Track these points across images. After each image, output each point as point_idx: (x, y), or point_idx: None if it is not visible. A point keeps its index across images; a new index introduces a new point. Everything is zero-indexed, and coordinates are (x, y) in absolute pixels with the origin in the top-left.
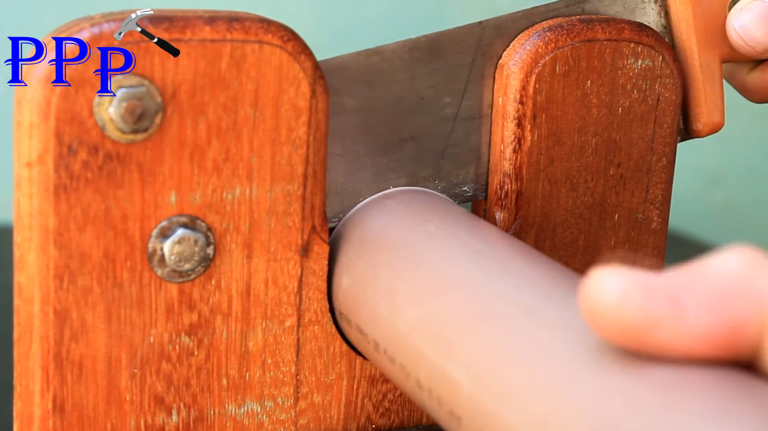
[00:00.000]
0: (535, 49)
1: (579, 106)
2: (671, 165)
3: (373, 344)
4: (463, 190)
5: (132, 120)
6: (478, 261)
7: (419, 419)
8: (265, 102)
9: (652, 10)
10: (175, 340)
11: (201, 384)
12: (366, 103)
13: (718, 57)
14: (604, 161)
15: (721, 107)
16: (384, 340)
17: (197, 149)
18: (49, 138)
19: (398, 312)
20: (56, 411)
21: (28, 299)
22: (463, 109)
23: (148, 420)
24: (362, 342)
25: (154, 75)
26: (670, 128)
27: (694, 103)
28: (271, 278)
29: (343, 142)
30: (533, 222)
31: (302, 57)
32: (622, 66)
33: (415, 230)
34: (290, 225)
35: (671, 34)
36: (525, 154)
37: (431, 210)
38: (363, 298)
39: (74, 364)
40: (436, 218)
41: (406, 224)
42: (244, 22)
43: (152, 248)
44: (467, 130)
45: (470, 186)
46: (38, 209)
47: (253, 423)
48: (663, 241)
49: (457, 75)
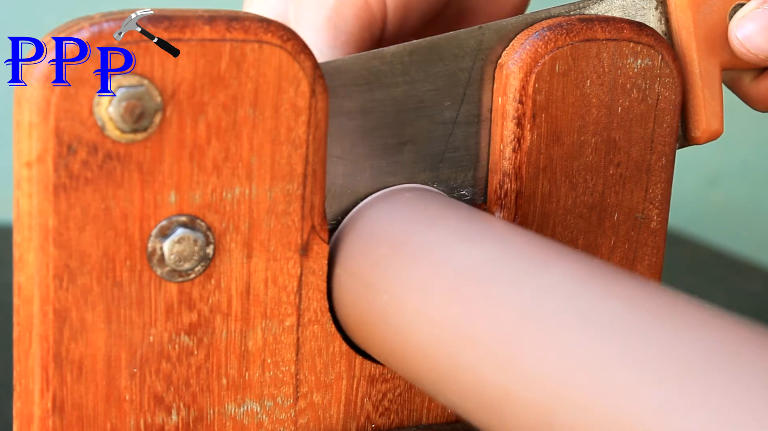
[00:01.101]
0: (534, 48)
1: (578, 106)
2: (671, 165)
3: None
4: (461, 194)
5: (131, 120)
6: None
7: (419, 418)
8: (265, 102)
9: (653, 16)
10: (175, 340)
11: (201, 384)
12: (365, 105)
13: (718, 64)
14: (604, 160)
15: (720, 115)
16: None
17: (197, 148)
18: (49, 138)
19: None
20: (56, 411)
21: (28, 299)
22: (463, 113)
23: (148, 420)
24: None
25: (154, 75)
26: (670, 127)
27: (693, 110)
28: (271, 278)
29: (342, 144)
30: (533, 221)
31: (302, 56)
32: (621, 65)
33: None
34: (290, 225)
35: (671, 41)
36: (524, 153)
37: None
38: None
39: (74, 364)
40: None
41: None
42: (243, 22)
43: (152, 247)
44: (466, 134)
45: (469, 190)
46: (38, 209)
47: (252, 422)
48: (663, 241)
49: (457, 79)
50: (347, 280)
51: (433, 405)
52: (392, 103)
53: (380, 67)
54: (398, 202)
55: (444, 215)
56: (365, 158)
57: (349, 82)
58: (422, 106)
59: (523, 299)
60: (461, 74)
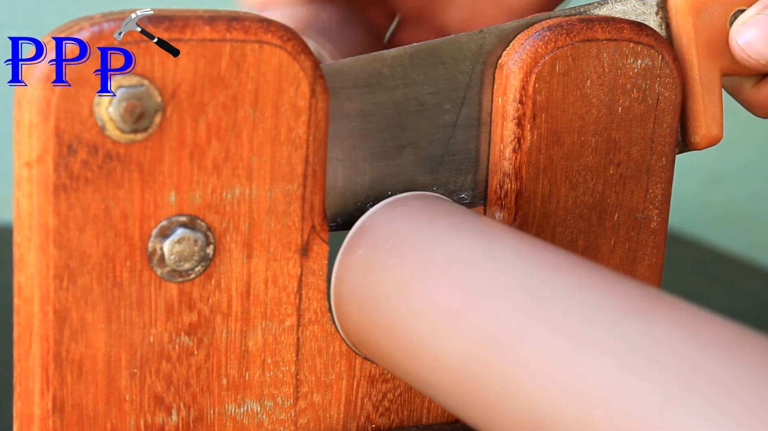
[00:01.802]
0: (534, 48)
1: (579, 106)
2: (671, 165)
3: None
4: (461, 197)
5: (132, 120)
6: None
7: (419, 418)
8: (265, 102)
9: (654, 21)
10: (175, 340)
11: (201, 384)
12: (365, 108)
13: (719, 70)
14: (604, 160)
15: (720, 120)
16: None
17: (197, 148)
18: (49, 138)
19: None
20: (56, 411)
21: (28, 299)
22: (463, 116)
23: (148, 420)
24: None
25: (154, 75)
26: (670, 127)
27: (692, 116)
28: (271, 278)
29: (342, 146)
30: (533, 222)
31: (302, 57)
32: (621, 66)
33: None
34: (290, 225)
35: (672, 47)
36: (525, 153)
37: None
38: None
39: (74, 364)
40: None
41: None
42: (243, 22)
43: (152, 247)
44: (466, 137)
45: (468, 193)
46: (38, 209)
47: (252, 422)
48: (663, 241)
49: (457, 82)
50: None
51: (433, 405)
52: (392, 106)
53: (381, 70)
54: (404, 208)
55: (439, 221)
56: (365, 160)
57: (349, 84)
58: (422, 109)
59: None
60: (461, 77)
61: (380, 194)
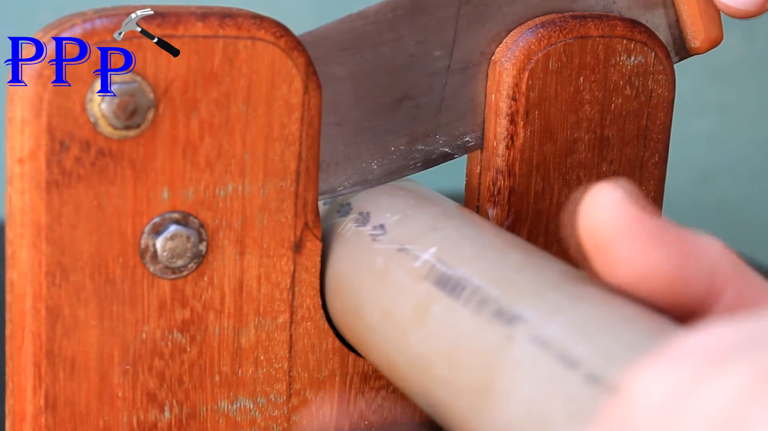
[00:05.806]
0: (527, 45)
1: (572, 103)
2: (664, 162)
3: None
4: (465, 140)
5: (124, 116)
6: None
7: (412, 415)
8: (258, 98)
9: None
10: (168, 337)
11: (193, 381)
12: (356, 68)
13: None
14: (597, 157)
15: (719, 21)
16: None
17: (190, 145)
18: (41, 134)
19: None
20: (48, 408)
21: (20, 296)
22: (455, 60)
23: (141, 417)
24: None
25: (147, 71)
26: (663, 124)
27: (690, 20)
28: (264, 275)
29: (339, 110)
30: (526, 218)
31: (295, 53)
32: (614, 62)
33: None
34: (283, 222)
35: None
36: (518, 150)
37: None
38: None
39: (66, 361)
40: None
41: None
42: (236, 19)
43: (144, 244)
44: (461, 80)
45: (471, 136)
46: (30, 206)
47: (245, 419)
48: None
49: (444, 28)
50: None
51: None
52: (382, 62)
53: (365, 28)
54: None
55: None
56: (363, 120)
57: (336, 47)
58: (413, 60)
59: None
60: (448, 23)
61: (383, 152)
